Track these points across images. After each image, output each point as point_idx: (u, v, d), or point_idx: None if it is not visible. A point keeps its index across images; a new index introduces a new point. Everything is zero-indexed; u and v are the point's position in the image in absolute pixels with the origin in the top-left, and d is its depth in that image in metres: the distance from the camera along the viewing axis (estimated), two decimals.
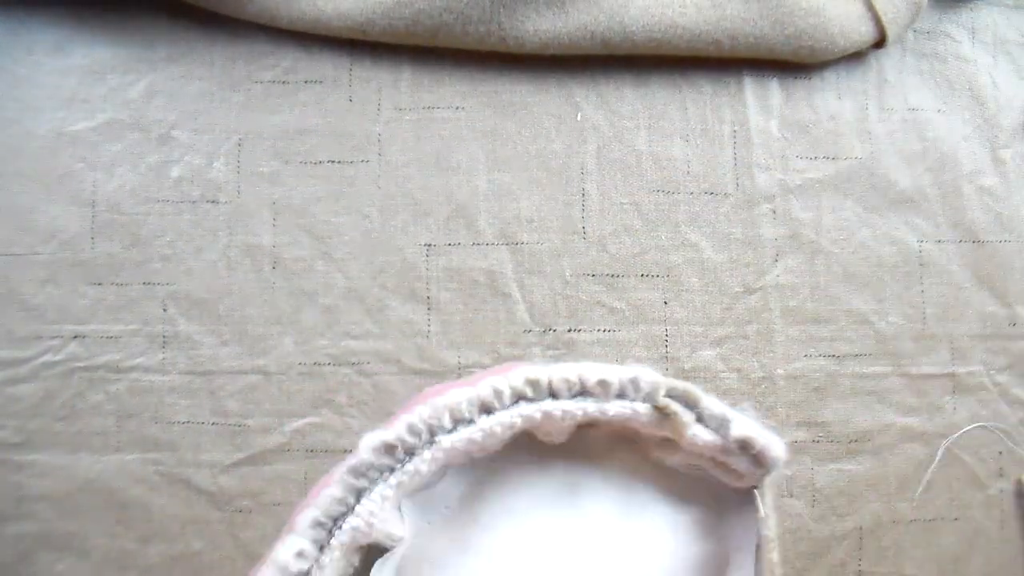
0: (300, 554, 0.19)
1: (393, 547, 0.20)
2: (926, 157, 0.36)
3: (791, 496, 0.34)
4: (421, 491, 0.21)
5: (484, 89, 0.35)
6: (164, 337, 0.34)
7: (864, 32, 0.35)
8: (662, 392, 0.20)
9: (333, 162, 0.35)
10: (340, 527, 0.19)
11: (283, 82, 0.35)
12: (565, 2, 0.34)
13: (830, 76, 0.36)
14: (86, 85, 0.35)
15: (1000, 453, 0.35)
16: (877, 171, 0.36)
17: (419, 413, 0.19)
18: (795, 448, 0.34)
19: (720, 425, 0.20)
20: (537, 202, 0.35)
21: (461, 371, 0.33)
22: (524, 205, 0.35)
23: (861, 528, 0.34)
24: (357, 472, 0.19)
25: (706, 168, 0.35)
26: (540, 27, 0.34)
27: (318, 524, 0.19)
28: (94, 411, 0.33)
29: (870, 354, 0.35)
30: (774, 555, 0.19)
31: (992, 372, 0.35)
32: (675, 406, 0.20)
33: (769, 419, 0.35)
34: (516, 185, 0.35)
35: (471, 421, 0.19)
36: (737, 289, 0.35)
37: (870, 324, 0.35)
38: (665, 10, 0.34)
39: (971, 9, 0.38)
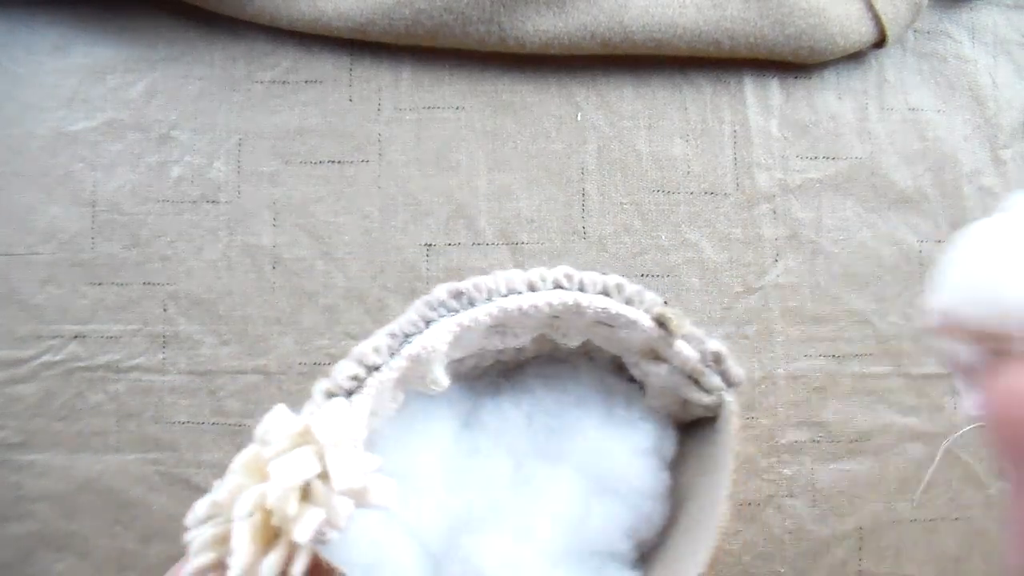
0: (376, 350, 0.22)
1: (432, 393, 0.24)
2: (926, 157, 0.36)
3: (791, 496, 0.34)
4: (468, 372, 0.26)
5: (484, 89, 0.35)
6: (164, 337, 0.34)
7: (864, 32, 0.35)
8: (659, 305, 0.24)
9: (333, 162, 0.35)
10: (410, 342, 0.22)
11: (283, 82, 0.35)
12: (565, 2, 0.34)
13: (830, 76, 0.36)
14: (86, 85, 0.35)
15: None
16: (877, 171, 0.36)
17: (483, 278, 0.23)
18: (795, 448, 0.34)
19: (698, 342, 0.24)
20: (537, 202, 0.35)
21: None
22: (524, 205, 0.35)
23: (861, 528, 0.34)
24: (431, 305, 0.23)
25: (706, 168, 0.35)
26: (540, 27, 0.34)
27: (392, 335, 0.22)
28: (94, 411, 0.33)
29: (870, 354, 0.35)
30: (732, 473, 0.23)
31: None
32: (673, 314, 0.23)
33: (769, 419, 0.35)
34: (516, 185, 0.35)
35: (520, 293, 0.23)
36: (737, 289, 0.35)
37: (870, 324, 0.35)
38: (665, 10, 0.34)
39: (971, 9, 0.38)
